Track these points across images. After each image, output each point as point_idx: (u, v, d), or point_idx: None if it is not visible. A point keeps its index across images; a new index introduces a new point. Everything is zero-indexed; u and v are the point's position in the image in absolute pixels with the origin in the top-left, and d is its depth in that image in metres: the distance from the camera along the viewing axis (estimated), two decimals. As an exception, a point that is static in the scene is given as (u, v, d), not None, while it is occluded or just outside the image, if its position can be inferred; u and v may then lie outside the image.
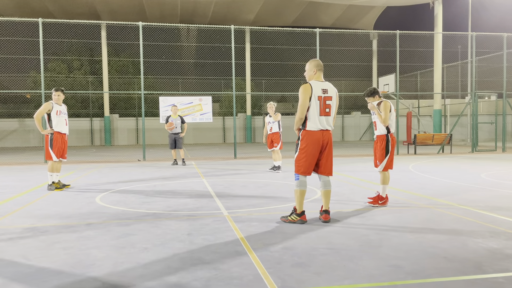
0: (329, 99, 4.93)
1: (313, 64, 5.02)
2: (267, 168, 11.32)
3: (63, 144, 7.91)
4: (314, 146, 4.89)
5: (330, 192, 5.05)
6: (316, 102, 4.86)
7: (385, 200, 6.01)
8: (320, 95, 4.88)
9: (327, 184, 5.04)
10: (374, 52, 30.34)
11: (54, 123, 7.77)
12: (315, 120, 4.87)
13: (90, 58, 29.62)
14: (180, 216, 5.42)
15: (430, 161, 12.69)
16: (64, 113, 7.93)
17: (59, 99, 7.83)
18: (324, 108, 4.89)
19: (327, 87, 4.96)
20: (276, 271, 3.36)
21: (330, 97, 4.94)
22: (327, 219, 4.99)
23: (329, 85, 5.01)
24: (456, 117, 23.76)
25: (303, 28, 18.63)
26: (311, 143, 4.89)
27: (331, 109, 4.94)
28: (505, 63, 17.46)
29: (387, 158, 6.05)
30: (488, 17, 29.92)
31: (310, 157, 4.91)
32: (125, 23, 15.88)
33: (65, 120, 7.94)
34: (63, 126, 7.89)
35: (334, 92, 5.00)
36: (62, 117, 7.85)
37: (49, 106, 7.72)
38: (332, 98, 4.95)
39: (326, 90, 4.93)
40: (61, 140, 7.85)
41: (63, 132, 7.90)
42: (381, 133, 6.10)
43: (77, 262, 3.64)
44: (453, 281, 3.13)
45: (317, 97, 4.86)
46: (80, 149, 22.83)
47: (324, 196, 5.03)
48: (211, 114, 16.56)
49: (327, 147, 4.98)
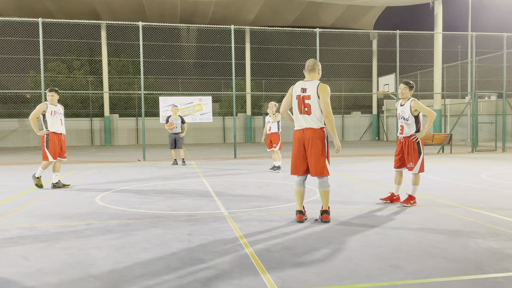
0: (308, 98, 4.88)
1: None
2: (267, 168, 11.32)
3: (59, 144, 7.95)
4: (296, 145, 5.01)
5: (327, 193, 4.99)
6: (295, 102, 4.99)
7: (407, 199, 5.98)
8: (298, 94, 4.94)
9: (322, 184, 4.99)
10: (374, 52, 30.33)
11: (49, 124, 7.83)
12: (296, 119, 5.02)
13: (90, 58, 29.60)
14: (179, 216, 5.42)
15: (430, 161, 12.69)
16: (59, 113, 7.96)
17: (53, 99, 7.87)
18: (303, 107, 4.90)
19: (307, 86, 4.92)
20: (276, 271, 3.36)
21: (308, 96, 4.87)
22: (327, 219, 4.98)
23: (310, 83, 4.93)
24: (456, 117, 23.76)
25: (303, 28, 18.62)
26: (294, 142, 5.06)
27: (310, 108, 4.86)
28: (505, 63, 17.46)
29: (421, 158, 5.95)
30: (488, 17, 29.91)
31: (295, 156, 5.02)
32: (125, 23, 15.88)
33: (61, 120, 7.97)
34: (59, 126, 7.93)
35: (313, 90, 4.86)
36: (57, 117, 7.89)
37: (43, 107, 7.79)
38: (310, 97, 4.86)
39: (305, 89, 4.92)
40: (57, 140, 7.89)
41: (59, 132, 7.94)
42: (408, 135, 5.99)
43: (77, 262, 3.64)
44: (453, 281, 3.13)
45: (295, 96, 4.98)
46: (80, 149, 22.83)
47: (322, 197, 5.03)
48: (211, 114, 16.55)
49: (310, 146, 4.89)
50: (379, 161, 13.36)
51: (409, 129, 5.98)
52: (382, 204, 6.11)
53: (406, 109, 5.98)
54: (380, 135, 30.87)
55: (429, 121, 5.89)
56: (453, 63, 27.36)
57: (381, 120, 30.67)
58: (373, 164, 12.25)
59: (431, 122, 5.90)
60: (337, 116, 30.84)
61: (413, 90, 6.07)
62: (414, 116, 5.94)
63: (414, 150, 5.95)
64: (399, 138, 6.18)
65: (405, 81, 6.10)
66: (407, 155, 6.02)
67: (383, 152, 17.45)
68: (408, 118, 5.95)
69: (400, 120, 6.09)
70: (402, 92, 6.05)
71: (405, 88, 6.03)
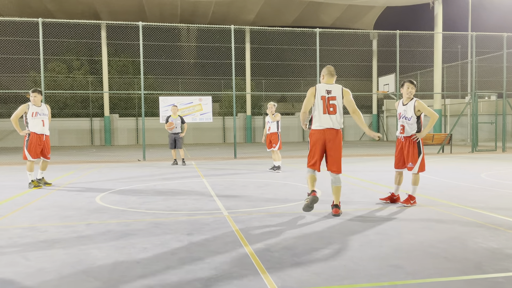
0: (333, 99, 5.35)
1: (323, 71, 5.57)
2: (267, 168, 11.32)
3: (41, 145, 8.01)
4: (317, 143, 5.39)
5: (340, 188, 5.40)
6: (319, 102, 5.34)
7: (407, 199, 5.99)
8: (323, 95, 5.37)
9: (337, 180, 5.38)
10: (374, 52, 30.33)
11: (30, 125, 7.94)
12: (318, 119, 5.38)
13: (90, 58, 29.60)
14: (179, 216, 5.42)
15: (430, 161, 12.69)
16: (42, 114, 7.99)
17: (36, 100, 7.91)
18: (329, 107, 5.33)
19: (332, 88, 5.40)
20: (276, 271, 3.36)
21: (334, 97, 5.36)
22: (337, 212, 5.33)
23: (334, 86, 5.44)
24: (456, 117, 23.75)
25: (303, 28, 18.61)
26: (314, 141, 5.44)
27: (335, 108, 5.34)
28: (505, 63, 17.45)
29: (420, 158, 5.94)
30: (488, 17, 29.91)
31: (315, 154, 5.39)
32: (125, 23, 15.87)
33: (43, 121, 8.00)
34: (40, 127, 7.97)
35: (338, 93, 5.40)
36: (38, 118, 7.94)
37: (25, 108, 7.89)
38: (336, 98, 5.35)
39: (330, 91, 5.38)
40: (37, 140, 7.94)
41: (40, 133, 7.97)
42: (409, 134, 6.00)
43: (77, 262, 3.64)
44: (453, 281, 3.13)
45: (319, 97, 5.36)
46: (80, 149, 22.83)
47: (335, 192, 5.40)
48: (211, 114, 16.55)
49: (332, 145, 5.33)
50: (379, 161, 13.36)
51: (410, 128, 5.98)
52: (382, 204, 6.11)
53: (409, 108, 5.98)
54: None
55: (431, 123, 5.89)
56: (453, 63, 27.37)
57: (381, 120, 30.67)
58: (373, 164, 12.25)
59: (433, 123, 5.90)
60: (337, 116, 30.83)
61: (416, 88, 6.10)
62: (416, 116, 5.95)
63: (414, 150, 5.95)
64: (399, 138, 6.17)
65: (410, 80, 6.10)
66: (407, 155, 6.01)
67: (383, 152, 17.45)
68: (410, 118, 5.96)
69: (401, 120, 6.08)
70: (411, 92, 6.02)
71: (413, 87, 6.03)
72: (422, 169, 5.97)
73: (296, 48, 28.02)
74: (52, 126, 26.96)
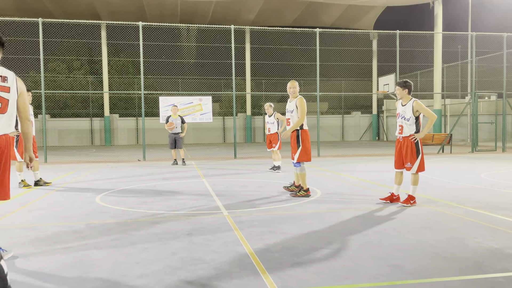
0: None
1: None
2: (267, 168, 11.32)
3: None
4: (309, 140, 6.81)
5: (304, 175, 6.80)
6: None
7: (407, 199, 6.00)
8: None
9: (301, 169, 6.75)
10: (374, 52, 30.32)
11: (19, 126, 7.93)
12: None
13: (90, 58, 29.60)
14: (180, 216, 5.42)
15: (430, 161, 12.69)
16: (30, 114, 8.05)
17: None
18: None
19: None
20: (276, 271, 3.36)
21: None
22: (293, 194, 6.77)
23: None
24: (456, 117, 23.75)
25: (303, 28, 18.62)
26: (307, 139, 6.81)
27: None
28: (505, 63, 17.45)
29: (419, 159, 5.94)
30: (488, 17, 29.91)
31: (309, 149, 6.78)
32: (125, 23, 15.88)
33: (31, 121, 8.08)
34: None
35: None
36: None
37: None
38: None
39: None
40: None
41: None
42: (408, 135, 6.00)
43: (77, 262, 3.64)
44: (453, 281, 3.13)
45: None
46: (80, 149, 22.83)
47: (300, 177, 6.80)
48: (211, 114, 16.55)
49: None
50: (379, 161, 13.35)
51: (408, 129, 5.98)
52: (382, 204, 6.11)
53: (408, 109, 5.98)
54: (380, 135, 30.87)
55: (429, 123, 5.89)
56: (453, 63, 27.35)
57: (381, 120, 30.66)
58: (373, 164, 12.25)
59: (431, 124, 5.90)
60: (337, 116, 30.86)
61: (408, 89, 6.04)
62: (415, 117, 5.95)
63: (412, 150, 5.97)
64: (398, 138, 6.18)
65: (398, 82, 6.16)
66: (405, 155, 6.03)
67: (383, 152, 17.45)
68: (409, 118, 5.96)
69: (400, 120, 6.09)
70: (398, 93, 6.10)
71: (398, 89, 6.08)
72: (422, 169, 5.97)
73: (296, 48, 28.01)
74: (52, 126, 27.04)
